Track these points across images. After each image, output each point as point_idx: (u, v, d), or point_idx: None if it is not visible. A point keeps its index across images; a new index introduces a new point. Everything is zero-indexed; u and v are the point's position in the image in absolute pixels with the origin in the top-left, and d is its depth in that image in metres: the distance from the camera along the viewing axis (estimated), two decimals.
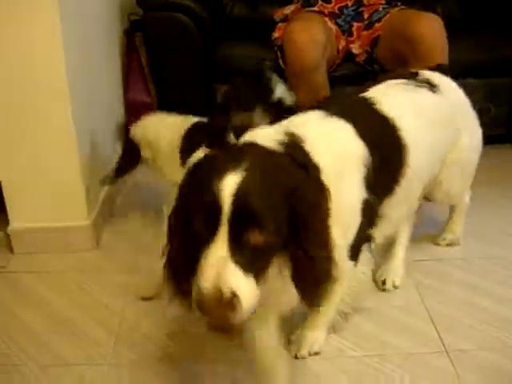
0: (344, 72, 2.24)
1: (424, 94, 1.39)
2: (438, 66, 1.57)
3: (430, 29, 1.95)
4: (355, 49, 2.23)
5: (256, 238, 0.90)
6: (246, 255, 0.90)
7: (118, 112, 2.31)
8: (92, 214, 1.84)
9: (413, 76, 1.43)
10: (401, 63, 2.05)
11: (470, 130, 1.56)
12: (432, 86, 1.41)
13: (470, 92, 2.35)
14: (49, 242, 1.80)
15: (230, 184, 0.90)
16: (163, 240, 1.03)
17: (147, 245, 1.79)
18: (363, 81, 2.22)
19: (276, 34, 2.24)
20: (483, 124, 2.42)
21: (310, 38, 1.93)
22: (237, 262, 0.89)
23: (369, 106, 1.28)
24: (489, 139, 2.51)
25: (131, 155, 1.84)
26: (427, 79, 1.43)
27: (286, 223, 0.93)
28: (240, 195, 0.89)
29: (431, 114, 1.37)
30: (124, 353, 1.42)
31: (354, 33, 2.21)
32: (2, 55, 1.61)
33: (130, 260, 1.76)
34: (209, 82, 2.35)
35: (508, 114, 2.46)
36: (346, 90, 2.00)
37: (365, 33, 2.19)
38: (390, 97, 1.32)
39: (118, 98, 2.32)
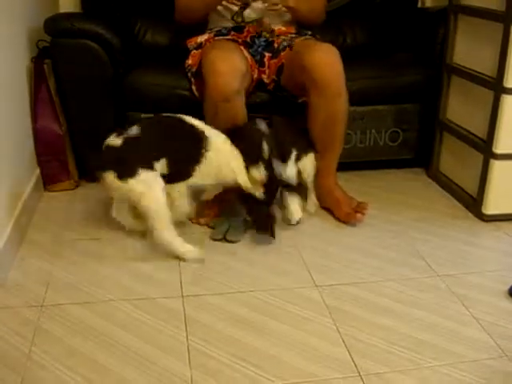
0: (256, 100, 2.26)
1: None
2: None
3: (324, 58, 1.99)
4: (266, 78, 2.26)
5: None
6: None
7: (27, 141, 2.22)
8: None
9: None
10: (302, 90, 2.09)
11: None
12: None
13: (379, 118, 2.45)
14: None
15: None
16: None
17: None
18: (274, 108, 2.26)
19: (190, 61, 2.24)
20: (393, 148, 2.51)
21: (232, 68, 1.94)
22: None
23: None
24: (398, 163, 2.61)
25: None
26: None
27: None
28: None
29: None
30: None
31: (266, 63, 2.24)
32: None
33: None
34: (121, 111, 2.31)
35: (416, 138, 2.55)
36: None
37: (272, 62, 2.22)
38: None
39: (26, 127, 2.23)
